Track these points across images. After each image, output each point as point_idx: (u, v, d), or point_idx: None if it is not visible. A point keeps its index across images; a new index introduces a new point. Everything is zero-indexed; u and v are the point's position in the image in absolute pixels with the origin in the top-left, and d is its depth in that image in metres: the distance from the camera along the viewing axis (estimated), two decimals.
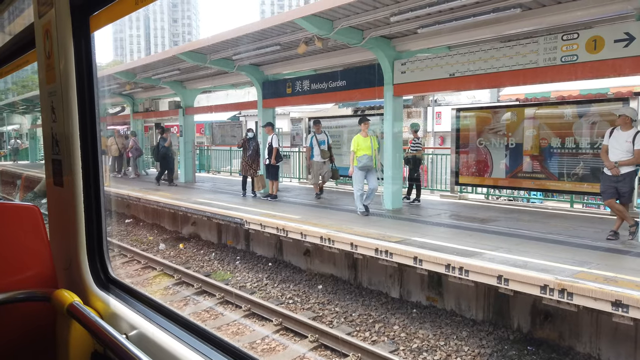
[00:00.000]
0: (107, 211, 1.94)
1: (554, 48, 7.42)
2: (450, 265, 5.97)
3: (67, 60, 1.75)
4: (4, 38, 3.11)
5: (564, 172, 8.91)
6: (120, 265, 9.60)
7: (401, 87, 9.61)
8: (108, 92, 18.06)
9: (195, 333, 1.48)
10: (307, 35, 9.43)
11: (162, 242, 11.33)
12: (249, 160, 11.67)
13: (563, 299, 5.03)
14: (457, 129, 10.54)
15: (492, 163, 9.99)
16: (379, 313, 6.85)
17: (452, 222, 8.65)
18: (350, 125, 13.02)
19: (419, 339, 6.03)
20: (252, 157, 11.65)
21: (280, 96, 12.69)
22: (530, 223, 8.24)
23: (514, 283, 5.42)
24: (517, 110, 9.79)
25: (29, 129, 30.67)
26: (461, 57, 8.59)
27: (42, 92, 1.96)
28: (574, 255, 6.11)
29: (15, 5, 2.89)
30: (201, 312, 7.19)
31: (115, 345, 1.31)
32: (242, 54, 11.24)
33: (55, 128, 1.87)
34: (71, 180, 1.80)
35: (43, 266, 1.79)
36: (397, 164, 9.95)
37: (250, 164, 11.67)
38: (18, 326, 1.75)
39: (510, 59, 7.92)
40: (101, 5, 1.67)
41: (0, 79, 3.35)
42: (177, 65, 13.06)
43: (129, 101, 19.44)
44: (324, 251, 8.06)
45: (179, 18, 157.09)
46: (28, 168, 23.16)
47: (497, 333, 6.05)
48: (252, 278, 8.59)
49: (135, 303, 1.72)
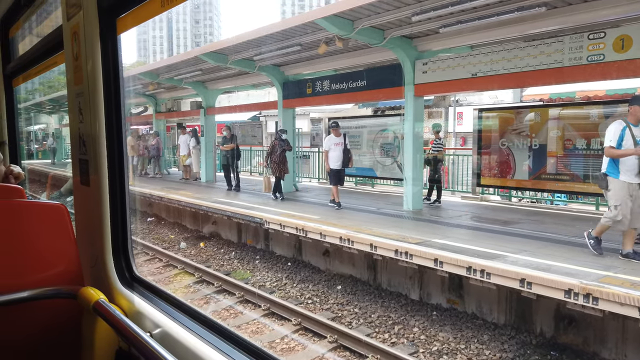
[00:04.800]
0: (131, 210, 1.97)
1: (580, 47, 7.26)
2: (472, 268, 5.89)
3: (94, 62, 1.78)
4: (32, 40, 3.18)
5: (589, 173, 8.71)
6: (142, 262, 9.75)
7: (422, 87, 9.53)
8: (132, 92, 18.38)
9: (217, 332, 1.49)
10: (327, 36, 9.42)
11: (183, 241, 11.46)
12: (277, 160, 11.23)
13: (588, 304, 4.92)
14: (479, 129, 10.40)
15: (514, 164, 9.82)
16: (399, 315, 6.80)
17: (473, 223, 8.54)
18: (370, 125, 12.96)
19: (439, 342, 5.97)
20: (280, 158, 11.24)
21: (300, 96, 12.71)
22: (555, 226, 8.08)
23: (537, 287, 5.32)
24: (541, 111, 9.60)
25: (55, 128, 31.27)
26: (484, 56, 8.47)
27: (69, 93, 1.99)
28: (600, 259, 5.97)
29: (43, 8, 2.96)
30: (221, 310, 7.25)
31: (140, 343, 1.32)
32: (263, 54, 11.29)
33: (82, 128, 1.90)
34: (97, 180, 1.83)
35: (70, 264, 1.83)
36: (418, 165, 9.87)
37: (278, 163, 11.26)
38: (45, 322, 1.79)
39: (535, 59, 7.78)
40: (128, 8, 1.70)
41: (28, 80, 3.43)
42: (199, 66, 13.19)
43: (151, 101, 19.74)
44: (343, 252, 8.04)
45: (201, 19, 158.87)
46: (55, 167, 23.63)
47: (519, 337, 5.95)
48: (271, 277, 8.63)
49: (159, 301, 1.74)
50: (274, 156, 11.26)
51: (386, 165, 11.90)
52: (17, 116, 3.68)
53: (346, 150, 10.15)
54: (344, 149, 10.12)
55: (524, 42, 8.15)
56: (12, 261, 1.72)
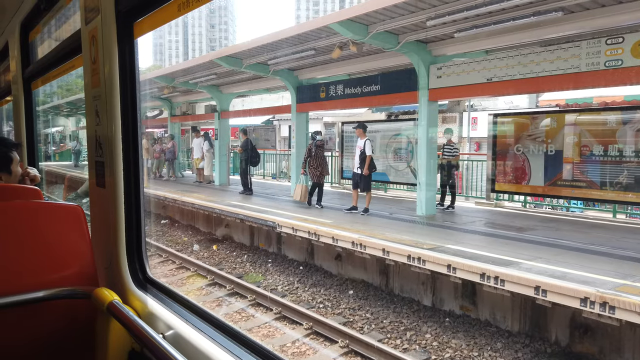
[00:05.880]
0: (145, 212, 1.99)
1: (598, 52, 7.18)
2: (485, 274, 5.83)
3: (111, 65, 1.80)
4: (51, 44, 3.23)
5: (606, 180, 8.57)
6: (156, 264, 9.83)
7: (436, 91, 9.49)
8: (147, 95, 18.60)
9: (229, 335, 1.49)
10: (342, 40, 9.44)
11: (196, 243, 11.53)
12: (315, 164, 10.83)
13: (604, 313, 4.83)
14: (494, 135, 10.31)
15: (530, 170, 9.71)
16: (411, 321, 6.75)
17: (487, 230, 8.46)
18: (383, 130, 12.93)
19: (451, 349, 5.91)
20: (316, 161, 10.84)
21: (314, 100, 12.74)
22: (570, 233, 7.97)
23: (552, 294, 5.25)
24: (557, 117, 9.48)
25: (72, 131, 31.69)
26: (499, 61, 8.41)
27: (87, 96, 2.02)
28: (617, 267, 5.87)
29: (62, 12, 3.01)
30: (233, 313, 7.27)
31: (153, 344, 1.33)
32: (277, 58, 11.35)
33: (99, 131, 1.93)
34: (113, 182, 1.85)
35: (85, 264, 1.85)
36: (431, 170, 9.81)
37: (316, 167, 10.84)
38: (60, 322, 1.81)
39: (551, 64, 7.70)
40: (145, 12, 1.72)
41: (47, 83, 3.48)
42: (213, 70, 13.31)
43: (167, 105, 19.95)
44: (355, 256, 8.02)
45: (216, 24, 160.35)
46: (78, 170, 23.85)
47: (533, 345, 5.86)
48: (283, 281, 8.63)
49: (172, 303, 1.75)
50: (311, 160, 10.88)
51: (399, 170, 11.85)
52: (36, 118, 3.74)
53: (361, 154, 10.02)
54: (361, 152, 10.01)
55: (540, 46, 8.07)
56: (29, 261, 1.74)
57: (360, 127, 10.24)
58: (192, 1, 1.48)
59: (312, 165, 10.91)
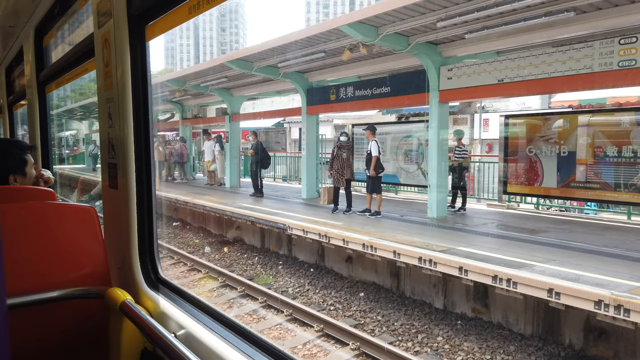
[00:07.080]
0: (157, 214, 2.01)
1: (611, 52, 7.09)
2: (497, 277, 5.79)
3: (123, 68, 1.83)
4: (65, 48, 3.28)
5: (620, 182, 8.46)
6: (168, 266, 9.90)
7: (447, 93, 9.44)
8: (159, 99, 18.76)
9: (241, 335, 1.49)
10: (352, 42, 9.44)
11: (207, 245, 11.59)
12: (337, 166, 10.42)
13: (619, 316, 4.76)
14: (505, 136, 10.22)
15: (542, 172, 9.61)
16: (422, 323, 6.72)
17: (499, 232, 8.39)
18: (394, 132, 12.89)
19: (463, 352, 5.87)
20: (340, 163, 10.40)
21: (324, 103, 12.74)
22: (584, 235, 7.88)
23: (565, 297, 5.19)
24: (570, 117, 9.39)
25: (85, 134, 32.02)
26: (510, 62, 8.35)
27: (100, 99, 2.05)
28: (632, 269, 5.78)
29: (75, 17, 3.06)
30: (244, 314, 7.29)
31: (165, 344, 1.34)
32: (287, 61, 11.39)
33: (111, 133, 1.95)
34: (125, 183, 1.87)
35: (98, 265, 1.87)
36: (442, 172, 9.76)
37: (342, 172, 10.40)
38: (74, 321, 1.83)
39: (563, 64, 7.63)
40: (156, 15, 1.74)
41: (60, 87, 3.53)
42: (224, 73, 13.38)
43: (178, 108, 20.09)
44: (366, 258, 8.00)
45: (227, 27, 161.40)
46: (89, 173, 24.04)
47: (547, 349, 5.80)
48: (294, 283, 8.64)
49: (184, 303, 1.77)
50: (334, 162, 10.50)
51: (410, 172, 11.80)
52: (50, 122, 3.79)
53: (367, 155, 9.98)
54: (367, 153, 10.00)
55: (552, 47, 8.00)
56: (43, 261, 1.77)
57: (369, 128, 10.20)
58: (202, 3, 1.49)
59: (334, 168, 10.51)
